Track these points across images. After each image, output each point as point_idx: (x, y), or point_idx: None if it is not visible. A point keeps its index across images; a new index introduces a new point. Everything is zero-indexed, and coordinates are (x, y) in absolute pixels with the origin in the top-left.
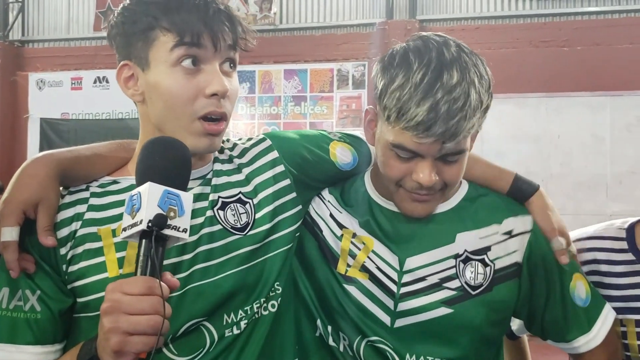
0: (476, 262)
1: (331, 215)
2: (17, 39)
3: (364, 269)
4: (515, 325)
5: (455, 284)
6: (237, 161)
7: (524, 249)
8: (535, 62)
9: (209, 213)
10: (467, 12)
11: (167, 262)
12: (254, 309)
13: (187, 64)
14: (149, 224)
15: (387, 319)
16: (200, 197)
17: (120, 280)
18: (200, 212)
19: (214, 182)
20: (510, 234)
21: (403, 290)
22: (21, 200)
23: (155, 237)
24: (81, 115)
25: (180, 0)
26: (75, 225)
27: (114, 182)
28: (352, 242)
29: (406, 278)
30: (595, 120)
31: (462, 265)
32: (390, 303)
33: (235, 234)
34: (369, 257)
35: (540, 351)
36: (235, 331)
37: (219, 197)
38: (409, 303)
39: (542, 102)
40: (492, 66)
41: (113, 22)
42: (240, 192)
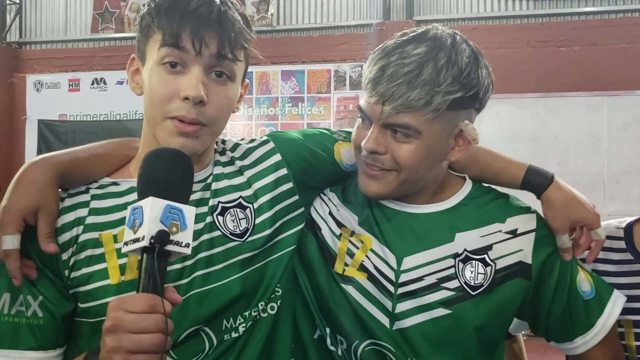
0: (476, 262)
1: (330, 214)
2: (14, 41)
3: (362, 268)
4: (512, 324)
5: (454, 284)
6: (238, 163)
7: (531, 248)
8: (533, 62)
9: (208, 219)
10: (464, 12)
11: (167, 268)
12: (253, 313)
13: (167, 65)
14: (151, 240)
15: (386, 321)
16: (200, 203)
17: (123, 298)
18: (200, 218)
19: (213, 186)
20: (515, 234)
21: (401, 291)
22: (21, 208)
23: (158, 253)
24: (79, 116)
25: (175, 1)
26: (76, 230)
27: (114, 183)
28: (350, 241)
29: (403, 278)
30: (593, 120)
31: (461, 265)
32: (388, 304)
33: (235, 240)
34: (367, 256)
35: (540, 351)
36: (234, 335)
37: (218, 202)
38: (407, 304)
39: (539, 102)
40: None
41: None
42: (240, 197)
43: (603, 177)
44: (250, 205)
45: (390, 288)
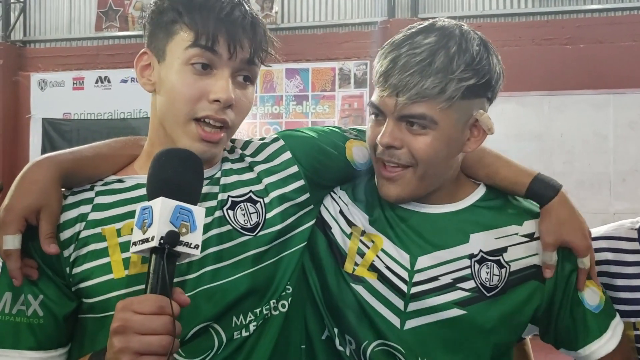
0: (492, 263)
1: (341, 212)
2: (19, 39)
3: (372, 268)
4: None
5: (470, 284)
6: (248, 159)
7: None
8: (538, 60)
9: (217, 213)
10: (469, 10)
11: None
12: (264, 311)
13: (197, 66)
14: (161, 241)
15: (396, 321)
16: (207, 197)
17: (131, 299)
18: (208, 212)
19: (222, 181)
20: (532, 237)
21: (414, 290)
22: (22, 207)
23: (167, 254)
24: (83, 115)
25: (205, 1)
26: (78, 227)
27: (119, 180)
28: (361, 241)
29: (418, 277)
30: (598, 118)
31: (477, 266)
32: (400, 303)
33: (246, 235)
34: (377, 255)
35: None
36: (244, 333)
37: (228, 196)
38: (420, 303)
39: (544, 100)
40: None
41: (149, 10)
42: (250, 191)
43: (609, 175)
44: (261, 200)
45: (403, 288)
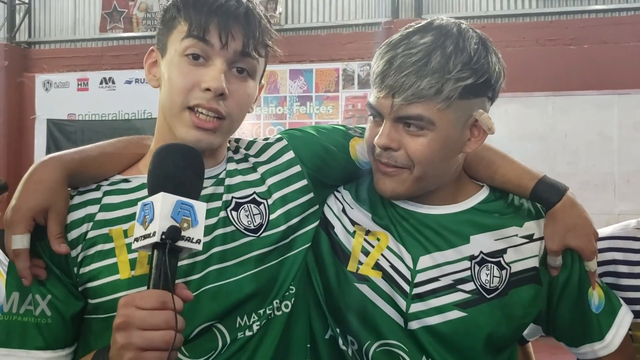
0: (492, 265)
1: (344, 211)
2: (23, 41)
3: (377, 266)
4: (527, 329)
5: (470, 286)
6: (252, 160)
7: (541, 254)
8: (542, 60)
9: (222, 214)
10: (472, 10)
11: (180, 263)
12: (267, 311)
13: (191, 57)
14: (162, 236)
15: (400, 320)
16: (212, 197)
17: (133, 294)
18: (213, 213)
19: (227, 182)
20: (531, 238)
21: (416, 291)
22: (30, 207)
23: (169, 249)
24: (87, 116)
25: None
26: (85, 227)
27: (125, 180)
28: (365, 239)
29: (419, 277)
30: (603, 118)
31: (477, 268)
32: (403, 303)
33: (249, 236)
34: (383, 254)
35: (550, 351)
36: (248, 333)
37: (232, 197)
38: (421, 304)
39: (548, 101)
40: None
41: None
42: (254, 192)
43: (613, 176)
44: (264, 201)
45: (406, 287)
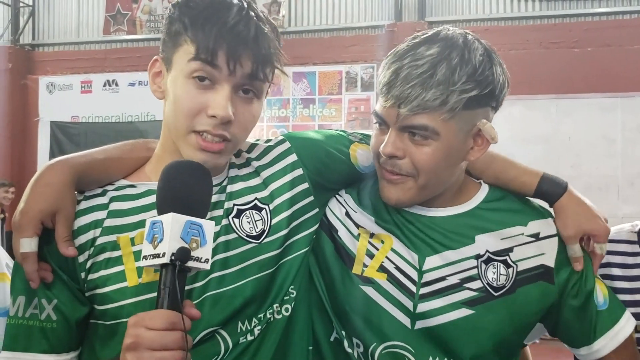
0: (498, 263)
1: (347, 214)
2: (27, 43)
3: (382, 269)
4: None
5: (477, 284)
6: (255, 164)
7: (555, 252)
8: (545, 63)
9: (224, 222)
10: (476, 13)
11: None
12: (267, 315)
13: (198, 80)
14: (172, 257)
15: (407, 321)
16: (215, 206)
17: (143, 314)
18: (215, 221)
19: (229, 189)
20: (538, 237)
21: (423, 291)
22: (38, 211)
23: (178, 270)
24: (91, 118)
25: (212, 14)
26: (93, 233)
27: (131, 186)
28: (370, 242)
29: (426, 277)
30: (606, 121)
31: (484, 266)
32: (409, 304)
33: (251, 242)
34: (387, 256)
35: (552, 355)
36: (250, 337)
37: (234, 204)
38: (429, 304)
39: (552, 104)
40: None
41: (165, 14)
42: (256, 198)
43: (617, 179)
44: (266, 207)
45: (412, 288)
